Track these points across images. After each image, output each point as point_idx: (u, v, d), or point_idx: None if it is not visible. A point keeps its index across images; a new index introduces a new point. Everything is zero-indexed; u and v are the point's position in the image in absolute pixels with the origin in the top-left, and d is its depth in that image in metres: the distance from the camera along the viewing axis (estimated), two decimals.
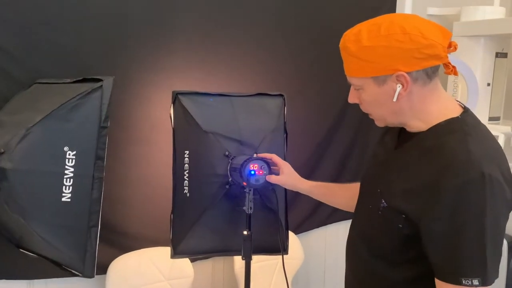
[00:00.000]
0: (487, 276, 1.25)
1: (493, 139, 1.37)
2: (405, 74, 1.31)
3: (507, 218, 1.31)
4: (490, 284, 1.26)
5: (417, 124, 1.40)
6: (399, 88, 1.33)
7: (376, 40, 1.31)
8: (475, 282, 1.24)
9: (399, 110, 1.39)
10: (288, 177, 1.92)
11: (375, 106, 1.42)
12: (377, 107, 1.42)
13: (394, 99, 1.35)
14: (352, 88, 1.46)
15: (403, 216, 1.34)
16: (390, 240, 1.42)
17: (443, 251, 1.28)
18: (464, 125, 1.34)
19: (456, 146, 1.29)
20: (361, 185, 1.66)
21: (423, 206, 1.29)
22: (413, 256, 1.39)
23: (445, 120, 1.36)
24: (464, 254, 1.25)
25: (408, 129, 1.45)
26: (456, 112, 1.38)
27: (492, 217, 1.24)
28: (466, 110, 1.40)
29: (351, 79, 1.42)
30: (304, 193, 1.95)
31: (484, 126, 1.40)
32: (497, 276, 1.28)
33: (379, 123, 1.48)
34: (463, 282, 1.25)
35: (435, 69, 1.35)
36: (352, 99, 1.47)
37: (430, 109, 1.38)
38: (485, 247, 1.24)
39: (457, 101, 1.45)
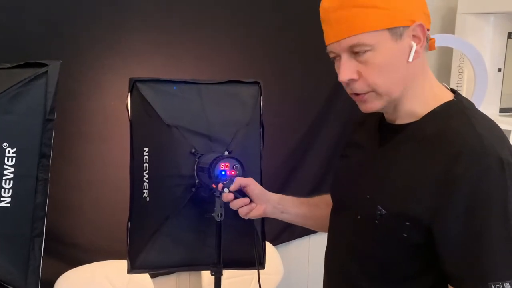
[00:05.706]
0: None
1: (495, 123, 1.42)
2: (424, 25, 1.36)
3: None
4: None
5: (411, 105, 1.43)
6: (415, 45, 1.37)
7: None
8: (507, 285, 1.25)
9: (410, 77, 1.40)
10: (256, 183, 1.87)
11: (386, 72, 1.38)
12: (389, 73, 1.38)
13: (410, 59, 1.37)
14: (344, 61, 1.39)
15: (408, 223, 1.36)
16: (392, 253, 1.43)
17: (464, 254, 1.30)
18: (463, 107, 1.40)
19: (463, 130, 1.33)
20: (334, 194, 1.70)
21: (434, 205, 1.31)
22: (417, 270, 1.41)
23: (440, 106, 1.41)
24: (491, 255, 1.27)
25: (395, 116, 1.48)
26: (447, 95, 1.45)
27: None
28: (457, 93, 1.47)
29: (363, 38, 1.35)
30: (273, 213, 1.89)
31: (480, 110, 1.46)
32: None
33: (376, 104, 1.43)
34: (492, 287, 1.26)
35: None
36: (348, 74, 1.39)
37: (424, 84, 1.43)
38: None
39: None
